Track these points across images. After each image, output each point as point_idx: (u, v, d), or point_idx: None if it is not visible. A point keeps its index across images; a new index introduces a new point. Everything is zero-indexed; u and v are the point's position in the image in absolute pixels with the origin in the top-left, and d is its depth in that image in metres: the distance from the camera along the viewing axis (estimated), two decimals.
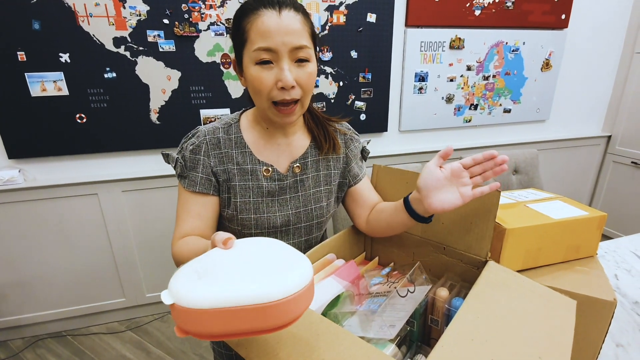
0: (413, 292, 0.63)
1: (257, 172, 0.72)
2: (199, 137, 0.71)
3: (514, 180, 1.81)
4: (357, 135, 0.83)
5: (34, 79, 1.41)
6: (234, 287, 0.36)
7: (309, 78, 0.64)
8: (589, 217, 0.74)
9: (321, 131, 0.77)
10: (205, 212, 0.71)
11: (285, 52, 0.60)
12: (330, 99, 1.79)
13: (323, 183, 0.77)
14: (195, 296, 0.35)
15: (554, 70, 2.17)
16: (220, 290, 0.35)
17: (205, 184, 0.70)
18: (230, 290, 0.35)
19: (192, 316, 0.35)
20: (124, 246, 1.72)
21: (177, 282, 0.37)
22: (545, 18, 2.03)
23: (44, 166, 1.56)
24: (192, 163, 0.70)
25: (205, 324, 0.35)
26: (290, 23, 0.60)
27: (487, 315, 0.50)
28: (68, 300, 1.75)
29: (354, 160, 0.81)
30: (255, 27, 0.60)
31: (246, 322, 0.35)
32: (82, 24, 1.40)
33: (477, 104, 2.09)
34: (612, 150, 2.46)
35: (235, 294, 0.35)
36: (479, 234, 0.65)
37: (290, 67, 0.62)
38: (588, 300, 0.64)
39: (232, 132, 0.73)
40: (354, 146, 0.81)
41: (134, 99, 1.54)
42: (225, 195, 0.72)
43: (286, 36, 0.60)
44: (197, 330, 0.36)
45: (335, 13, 1.67)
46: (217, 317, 0.35)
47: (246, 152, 0.72)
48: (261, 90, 0.63)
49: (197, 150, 0.70)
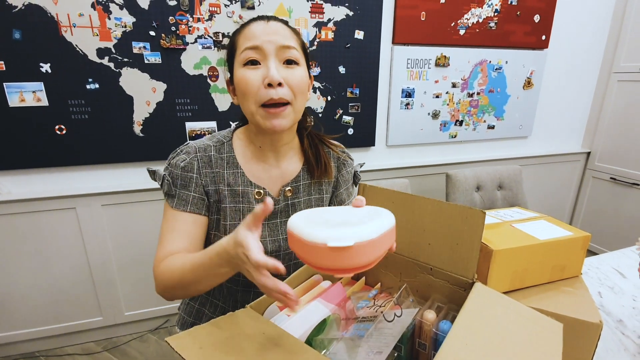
0: (400, 316, 0.61)
1: (248, 194, 0.69)
2: (189, 154, 0.67)
3: (499, 195, 1.84)
4: (351, 159, 0.82)
5: (13, 89, 1.37)
6: (363, 226, 0.42)
7: (298, 80, 0.63)
8: (573, 238, 0.74)
9: (314, 153, 0.75)
10: (195, 231, 0.67)
11: (271, 50, 0.60)
12: (318, 113, 1.80)
13: (315, 207, 0.76)
14: (358, 232, 0.40)
15: (535, 89, 2.24)
16: (362, 228, 0.42)
17: (197, 203, 0.67)
18: (365, 227, 0.42)
19: (370, 247, 0.41)
20: (102, 262, 1.66)
21: (333, 232, 0.40)
22: (527, 39, 2.10)
23: (19, 179, 1.50)
24: (184, 181, 0.66)
25: (369, 253, 0.42)
26: (277, 28, 0.62)
27: (475, 340, 0.49)
28: (42, 319, 1.66)
29: (344, 186, 0.80)
30: (244, 34, 0.62)
31: (386, 245, 0.46)
32: (64, 34, 1.37)
33: (462, 120, 2.13)
34: (591, 166, 2.54)
35: (370, 228, 0.42)
36: (465, 255, 0.65)
37: (278, 66, 0.61)
38: (575, 323, 0.64)
39: (224, 151, 0.69)
40: (345, 171, 0.80)
41: (117, 110, 1.51)
42: (215, 216, 0.69)
43: (272, 36, 0.60)
44: (369, 260, 0.42)
45: (324, 29, 1.69)
46: (370, 247, 0.41)
47: (238, 172, 0.69)
48: (248, 92, 0.61)
49: (190, 167, 0.66)
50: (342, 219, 0.46)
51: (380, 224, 0.44)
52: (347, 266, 0.41)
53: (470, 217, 0.61)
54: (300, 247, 0.43)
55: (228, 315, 0.53)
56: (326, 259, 0.40)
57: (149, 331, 1.84)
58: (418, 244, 0.69)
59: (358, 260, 0.41)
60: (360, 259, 0.41)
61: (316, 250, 0.40)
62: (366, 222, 0.44)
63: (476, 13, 1.94)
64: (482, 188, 1.79)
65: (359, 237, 0.40)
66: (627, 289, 1.03)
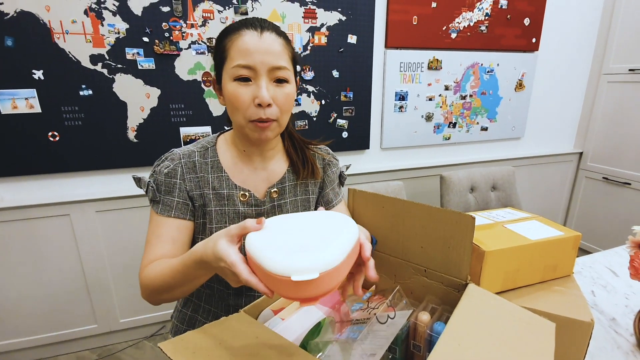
0: (393, 318, 0.61)
1: (233, 197, 0.70)
2: (174, 160, 0.69)
3: (493, 196, 1.85)
4: (336, 159, 0.83)
5: (5, 96, 1.36)
6: (327, 251, 0.41)
7: (286, 98, 0.64)
8: (564, 237, 0.75)
9: (300, 156, 0.76)
10: (180, 237, 0.67)
11: (264, 70, 0.61)
12: (312, 117, 1.80)
13: (301, 208, 0.77)
14: (322, 259, 0.39)
15: (527, 91, 2.27)
16: (325, 253, 0.40)
17: (182, 208, 0.68)
18: (328, 252, 0.41)
19: (335, 273, 0.40)
20: (96, 269, 1.64)
21: (296, 262, 0.39)
22: (517, 41, 2.13)
23: (12, 186, 1.49)
24: (168, 187, 0.67)
25: (335, 278, 0.40)
26: (271, 44, 0.62)
27: (468, 341, 0.49)
28: (35, 328, 1.64)
29: (330, 186, 0.81)
30: (236, 45, 0.61)
31: (351, 263, 0.44)
32: (57, 40, 1.37)
33: (456, 122, 2.14)
34: (584, 166, 2.57)
35: (334, 252, 0.41)
36: (457, 257, 0.65)
37: (268, 85, 0.62)
38: (567, 322, 0.64)
39: (208, 156, 0.71)
40: (331, 171, 0.81)
41: (111, 116, 1.50)
42: (201, 220, 0.70)
43: (265, 55, 0.61)
44: (334, 285, 0.41)
45: (317, 34, 1.70)
46: (335, 273, 0.40)
47: (222, 176, 0.70)
48: (238, 107, 0.63)
49: (173, 173, 0.68)
50: (303, 240, 0.44)
51: (344, 243, 0.43)
52: (312, 295, 0.40)
53: (460, 222, 0.62)
54: (262, 275, 0.41)
55: (221, 320, 0.53)
56: (290, 290, 0.39)
57: (144, 338, 1.82)
58: (410, 247, 0.69)
59: (323, 288, 0.40)
60: (326, 286, 0.40)
61: (280, 282, 0.39)
62: (329, 243, 0.42)
63: (467, 17, 1.97)
64: (476, 189, 1.81)
65: (323, 266, 0.38)
66: (619, 288, 1.04)
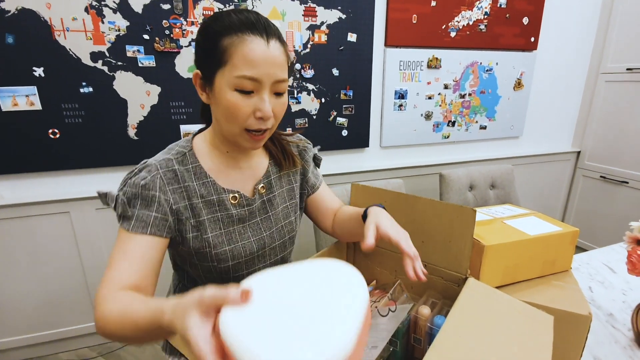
0: (394, 311, 0.62)
1: (224, 201, 0.68)
2: (150, 172, 0.62)
3: (492, 194, 1.86)
4: (309, 143, 0.84)
5: (5, 93, 1.36)
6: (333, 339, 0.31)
7: (282, 108, 0.64)
8: (562, 233, 0.76)
9: (278, 148, 0.76)
10: (152, 256, 0.59)
11: (268, 83, 0.59)
12: (312, 115, 1.81)
13: (288, 198, 0.78)
14: (328, 350, 0.30)
15: (525, 90, 2.28)
16: (332, 342, 0.31)
17: (159, 224, 0.60)
18: (335, 341, 0.31)
19: None
20: (96, 266, 1.65)
21: (294, 356, 0.29)
22: (516, 40, 2.14)
23: (13, 183, 1.49)
24: (145, 200, 0.60)
25: None
26: (277, 55, 0.59)
27: (468, 334, 0.50)
28: (35, 325, 1.64)
29: (310, 170, 0.82)
30: (242, 52, 0.56)
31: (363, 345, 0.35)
32: (58, 38, 1.37)
33: (455, 120, 2.15)
34: (581, 165, 2.58)
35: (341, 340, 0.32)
36: (457, 252, 0.66)
37: (270, 98, 0.60)
38: (565, 315, 0.65)
39: (188, 162, 0.66)
40: (308, 156, 0.82)
41: (111, 114, 1.51)
42: (191, 234, 0.65)
43: (272, 68, 0.58)
44: None
45: (317, 32, 1.71)
46: None
47: (208, 182, 0.67)
48: (237, 117, 0.60)
49: (151, 185, 0.61)
50: (298, 317, 0.33)
51: (353, 319, 0.33)
52: None
53: (461, 215, 0.63)
54: None
55: None
56: None
57: None
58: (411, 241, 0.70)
59: None
60: None
61: None
62: (334, 322, 0.32)
63: (466, 16, 1.97)
64: (475, 187, 1.82)
65: None
66: (617, 284, 1.05)
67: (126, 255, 0.57)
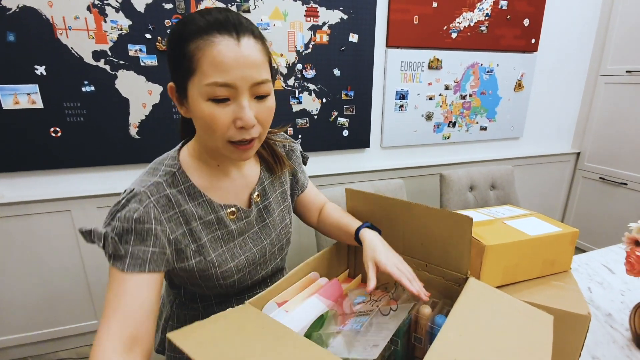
0: (396, 310, 0.63)
1: (222, 218, 0.65)
2: (142, 201, 0.55)
3: (492, 195, 1.87)
4: (294, 142, 0.83)
5: (7, 91, 1.36)
6: None
7: (268, 113, 0.58)
8: (562, 233, 0.77)
9: (269, 152, 0.74)
10: (149, 295, 0.53)
11: (245, 87, 0.52)
12: (313, 115, 1.81)
13: (282, 201, 0.78)
14: None
15: (525, 91, 2.29)
16: None
17: (157, 260, 0.54)
18: None
19: None
20: (97, 265, 1.65)
21: None
22: (517, 42, 2.15)
23: (13, 182, 1.49)
24: (140, 235, 0.53)
25: None
26: (251, 54, 0.52)
27: (468, 333, 0.50)
28: (35, 323, 1.65)
29: (299, 170, 0.82)
30: (210, 57, 0.50)
31: None
32: (60, 36, 1.37)
33: (455, 121, 2.16)
34: (581, 166, 2.59)
35: None
36: (457, 254, 0.67)
37: (250, 103, 0.54)
38: (564, 315, 0.66)
39: (179, 183, 0.60)
40: (295, 156, 0.81)
41: (113, 113, 1.51)
42: (194, 260, 0.62)
43: (247, 69, 0.51)
44: None
45: (319, 33, 1.71)
46: None
47: (204, 201, 0.62)
48: (216, 130, 0.54)
49: (146, 217, 0.54)
50: None
51: None
52: None
53: (458, 223, 0.63)
54: None
55: (228, 311, 0.54)
56: None
57: None
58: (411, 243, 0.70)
59: None
60: None
61: None
62: None
63: (467, 17, 1.98)
64: (475, 188, 1.82)
65: None
66: (615, 284, 1.06)
67: (121, 302, 0.50)
